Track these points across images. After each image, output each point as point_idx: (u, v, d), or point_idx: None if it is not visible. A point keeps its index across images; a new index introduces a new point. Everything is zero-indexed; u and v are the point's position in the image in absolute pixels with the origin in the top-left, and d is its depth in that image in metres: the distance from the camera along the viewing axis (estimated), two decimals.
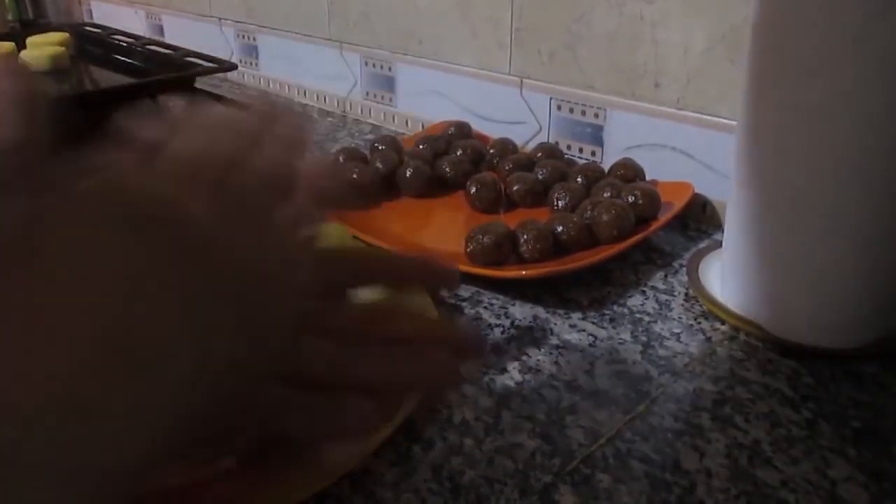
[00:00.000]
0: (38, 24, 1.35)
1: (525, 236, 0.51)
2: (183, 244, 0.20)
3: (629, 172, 0.60)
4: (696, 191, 0.59)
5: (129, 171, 0.22)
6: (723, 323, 0.46)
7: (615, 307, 0.48)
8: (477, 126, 0.75)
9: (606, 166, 0.63)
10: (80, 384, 0.17)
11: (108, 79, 0.94)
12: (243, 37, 1.05)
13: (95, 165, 0.21)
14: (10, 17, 1.34)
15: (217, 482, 0.34)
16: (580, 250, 0.52)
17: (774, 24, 0.39)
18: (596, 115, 0.67)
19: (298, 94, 0.99)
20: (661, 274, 0.52)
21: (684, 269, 0.52)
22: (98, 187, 0.20)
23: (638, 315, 0.47)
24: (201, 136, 0.24)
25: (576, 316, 0.47)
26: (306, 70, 0.96)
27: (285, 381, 0.23)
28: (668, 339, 0.45)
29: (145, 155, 0.22)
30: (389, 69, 0.85)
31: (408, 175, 0.63)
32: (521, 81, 0.72)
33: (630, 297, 0.49)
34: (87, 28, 1.08)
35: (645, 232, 0.53)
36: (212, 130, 0.25)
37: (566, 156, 0.69)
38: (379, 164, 0.65)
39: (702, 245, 0.56)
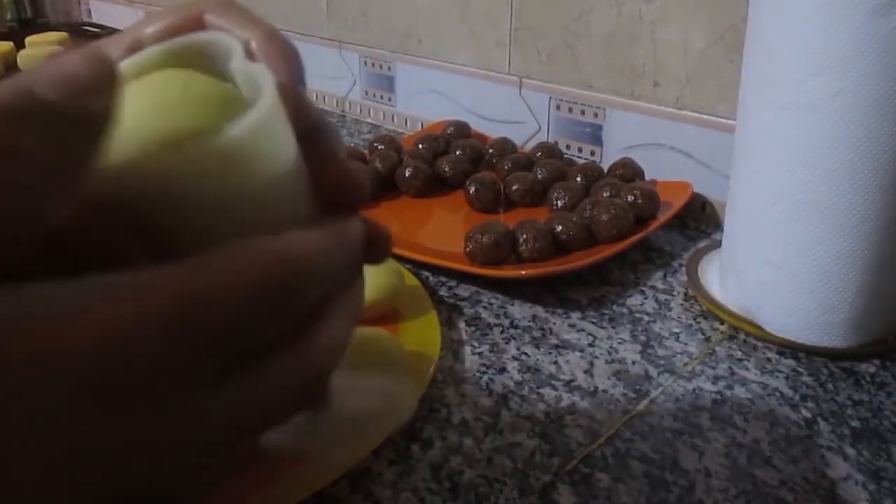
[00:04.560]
0: (36, 24, 1.35)
1: (524, 236, 0.51)
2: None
3: (628, 172, 0.60)
4: (695, 190, 0.59)
5: None
6: (722, 322, 0.46)
7: (614, 307, 0.48)
8: (476, 125, 0.75)
9: (605, 166, 0.63)
10: None
11: None
12: None
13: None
14: (8, 16, 1.34)
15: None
16: (579, 250, 0.52)
17: (772, 23, 0.39)
18: (595, 115, 0.67)
19: None
20: (660, 273, 0.53)
21: (683, 268, 0.52)
22: None
23: (637, 315, 0.47)
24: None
25: (575, 315, 0.47)
26: (305, 69, 0.96)
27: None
28: (667, 338, 0.45)
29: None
30: (388, 69, 0.85)
31: (407, 175, 0.63)
32: (521, 81, 0.72)
33: (629, 296, 0.49)
34: (86, 27, 1.08)
35: (644, 231, 0.53)
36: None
37: (565, 155, 0.69)
38: (378, 164, 0.65)
39: (701, 244, 0.56)
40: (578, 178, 0.61)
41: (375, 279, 0.44)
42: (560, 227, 0.52)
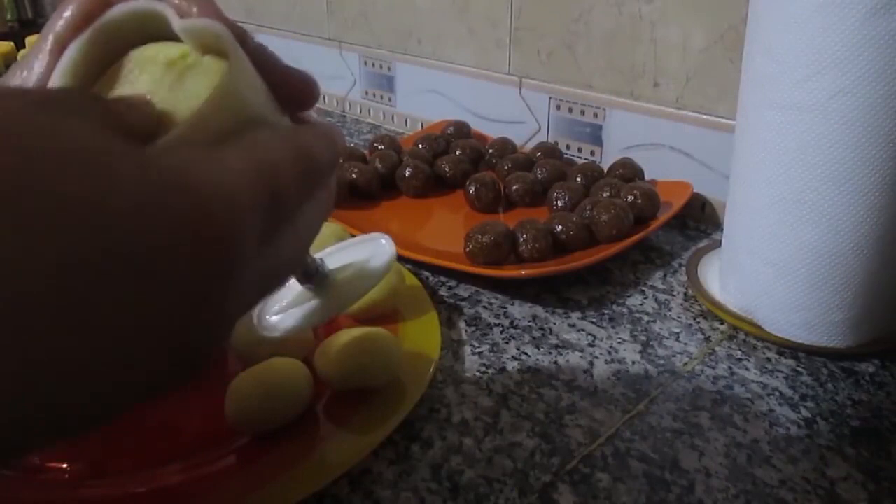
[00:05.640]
0: (37, 24, 1.35)
1: (524, 236, 0.51)
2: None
3: (628, 172, 0.60)
4: (695, 190, 0.60)
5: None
6: (722, 322, 0.46)
7: (614, 307, 0.48)
8: (476, 125, 0.75)
9: (605, 166, 0.63)
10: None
11: None
12: None
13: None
14: (8, 16, 1.34)
15: (216, 482, 0.34)
16: (579, 250, 0.52)
17: (772, 23, 0.39)
18: (595, 115, 0.67)
19: None
20: (660, 273, 0.53)
21: (683, 268, 0.52)
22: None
23: (637, 314, 0.47)
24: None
25: (575, 315, 0.47)
26: (305, 69, 0.96)
27: None
28: (667, 338, 0.45)
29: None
30: (388, 69, 0.85)
31: (407, 174, 0.63)
32: (521, 81, 0.72)
33: (629, 296, 0.49)
34: None
35: (644, 231, 0.53)
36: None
37: (565, 155, 0.69)
38: (378, 164, 0.65)
39: (701, 244, 0.56)
40: (578, 178, 0.61)
41: None
42: (560, 227, 0.52)
